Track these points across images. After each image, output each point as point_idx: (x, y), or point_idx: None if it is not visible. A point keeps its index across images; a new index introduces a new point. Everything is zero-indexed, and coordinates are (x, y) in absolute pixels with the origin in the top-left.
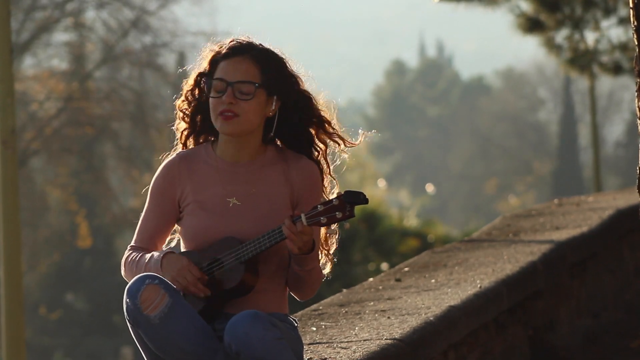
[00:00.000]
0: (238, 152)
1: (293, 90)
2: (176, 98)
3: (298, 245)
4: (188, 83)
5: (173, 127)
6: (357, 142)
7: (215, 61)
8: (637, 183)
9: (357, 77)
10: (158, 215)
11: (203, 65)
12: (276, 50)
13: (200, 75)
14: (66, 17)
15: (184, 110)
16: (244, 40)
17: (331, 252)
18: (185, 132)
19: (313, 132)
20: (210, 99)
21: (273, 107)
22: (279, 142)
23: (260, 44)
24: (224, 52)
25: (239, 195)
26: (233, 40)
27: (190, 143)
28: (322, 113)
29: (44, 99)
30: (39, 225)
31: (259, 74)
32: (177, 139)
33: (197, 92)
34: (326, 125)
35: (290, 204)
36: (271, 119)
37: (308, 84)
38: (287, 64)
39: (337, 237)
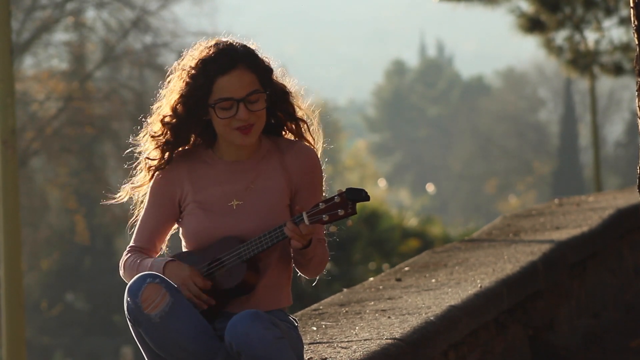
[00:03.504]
0: (240, 152)
1: (271, 79)
2: (145, 121)
3: (303, 243)
4: (170, 100)
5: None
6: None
7: (207, 74)
8: (638, 183)
9: (357, 77)
10: (158, 215)
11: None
12: (250, 45)
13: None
14: (66, 17)
15: (161, 134)
16: (229, 48)
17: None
18: (157, 160)
19: (288, 124)
20: (221, 120)
21: (266, 99)
22: None
23: (238, 44)
24: (216, 66)
25: (238, 194)
26: (219, 52)
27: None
28: (299, 113)
29: (44, 99)
30: (39, 225)
31: (256, 78)
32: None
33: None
34: (301, 123)
35: (289, 193)
36: None
37: (293, 83)
38: (259, 56)
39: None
